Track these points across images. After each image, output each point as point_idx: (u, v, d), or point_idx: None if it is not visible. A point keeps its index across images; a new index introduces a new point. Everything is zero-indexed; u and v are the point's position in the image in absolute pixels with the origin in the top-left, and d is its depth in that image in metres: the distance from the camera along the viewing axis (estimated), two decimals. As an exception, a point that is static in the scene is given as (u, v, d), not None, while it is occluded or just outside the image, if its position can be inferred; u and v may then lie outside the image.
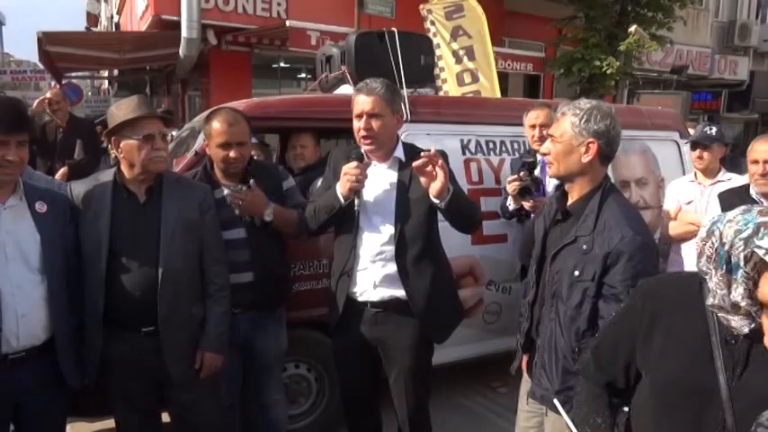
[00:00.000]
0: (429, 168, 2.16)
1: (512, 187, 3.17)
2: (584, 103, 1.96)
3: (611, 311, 1.77)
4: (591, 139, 1.87)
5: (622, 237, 1.78)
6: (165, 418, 2.56)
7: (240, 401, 2.72)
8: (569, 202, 1.98)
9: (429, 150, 2.21)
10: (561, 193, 2.05)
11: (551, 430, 2.03)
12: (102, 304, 2.15)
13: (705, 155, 3.44)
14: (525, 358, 2.25)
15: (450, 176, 2.24)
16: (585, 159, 1.88)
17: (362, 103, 2.30)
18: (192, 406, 2.36)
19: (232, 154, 2.49)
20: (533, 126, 3.33)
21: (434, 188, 2.17)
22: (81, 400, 2.37)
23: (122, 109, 2.21)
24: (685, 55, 15.25)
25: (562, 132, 1.90)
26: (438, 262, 2.46)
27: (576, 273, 1.85)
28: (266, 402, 2.76)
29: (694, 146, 3.50)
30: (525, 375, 2.24)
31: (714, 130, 3.51)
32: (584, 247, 1.84)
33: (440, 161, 2.15)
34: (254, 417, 2.79)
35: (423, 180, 2.19)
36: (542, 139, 3.00)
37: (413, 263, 2.35)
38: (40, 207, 2.07)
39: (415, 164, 2.16)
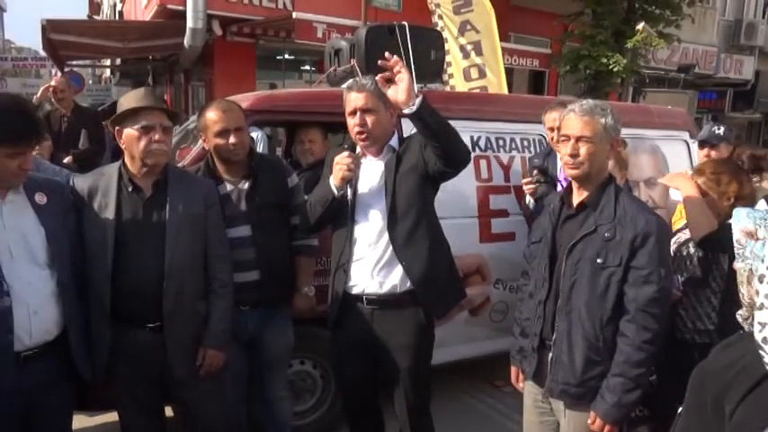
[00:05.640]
0: (390, 75, 2.07)
1: (529, 189, 3.16)
2: (598, 102, 2.03)
3: (638, 295, 1.86)
4: (616, 138, 1.99)
5: (647, 220, 1.89)
6: (169, 412, 2.54)
7: (246, 398, 2.70)
8: (580, 197, 2.02)
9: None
10: (567, 190, 2.10)
11: (572, 427, 2.02)
12: (109, 299, 2.12)
13: (713, 154, 3.47)
14: (515, 370, 2.27)
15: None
16: (611, 156, 2.03)
17: (354, 99, 2.27)
18: (195, 403, 2.34)
19: (232, 140, 2.45)
20: (552, 129, 3.29)
21: (401, 89, 2.05)
22: (83, 394, 2.34)
23: (128, 99, 2.22)
24: (691, 53, 15.18)
25: (595, 133, 1.94)
26: (434, 235, 2.38)
27: (599, 260, 1.90)
28: (271, 398, 2.73)
29: (702, 145, 3.54)
30: (526, 386, 2.22)
31: (722, 129, 3.56)
32: (607, 234, 1.91)
33: (396, 60, 2.06)
34: (258, 413, 2.77)
35: (389, 92, 2.10)
36: None
37: (406, 234, 2.29)
38: (40, 198, 2.03)
39: (378, 76, 2.11)
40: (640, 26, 10.21)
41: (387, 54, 2.08)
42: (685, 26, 11.93)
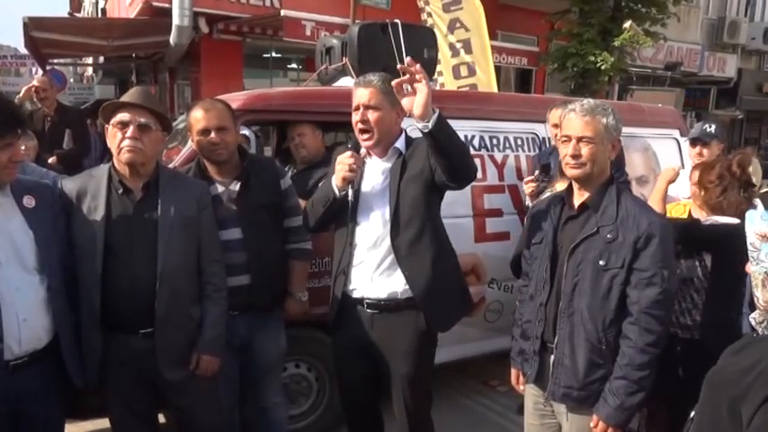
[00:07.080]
0: (409, 87, 1.96)
1: (529, 188, 3.13)
2: (599, 101, 2.01)
3: (642, 297, 1.84)
4: (617, 138, 1.96)
5: (650, 222, 1.87)
6: (161, 418, 2.49)
7: (239, 403, 2.65)
8: (582, 198, 2.00)
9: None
10: (568, 190, 2.08)
11: (575, 430, 1.99)
12: (99, 305, 2.06)
13: (705, 152, 3.47)
14: (515, 372, 2.25)
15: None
16: (612, 157, 1.97)
17: (359, 95, 2.23)
18: (189, 409, 2.29)
19: (212, 136, 2.40)
20: (557, 125, 3.25)
21: (418, 103, 1.93)
22: (74, 402, 2.28)
23: (122, 98, 2.18)
24: (676, 51, 15.32)
25: (597, 133, 1.91)
26: (439, 245, 2.31)
27: (602, 262, 1.88)
28: (266, 405, 2.68)
29: (694, 143, 3.55)
30: (527, 388, 2.19)
31: (713, 127, 3.57)
32: (609, 236, 1.89)
33: (418, 66, 1.93)
34: (253, 419, 2.72)
35: (405, 101, 2.00)
36: None
37: (409, 244, 2.23)
38: (29, 201, 1.97)
39: (394, 82, 2.00)
40: (627, 24, 10.29)
41: (409, 59, 1.96)
42: (670, 24, 12.04)
